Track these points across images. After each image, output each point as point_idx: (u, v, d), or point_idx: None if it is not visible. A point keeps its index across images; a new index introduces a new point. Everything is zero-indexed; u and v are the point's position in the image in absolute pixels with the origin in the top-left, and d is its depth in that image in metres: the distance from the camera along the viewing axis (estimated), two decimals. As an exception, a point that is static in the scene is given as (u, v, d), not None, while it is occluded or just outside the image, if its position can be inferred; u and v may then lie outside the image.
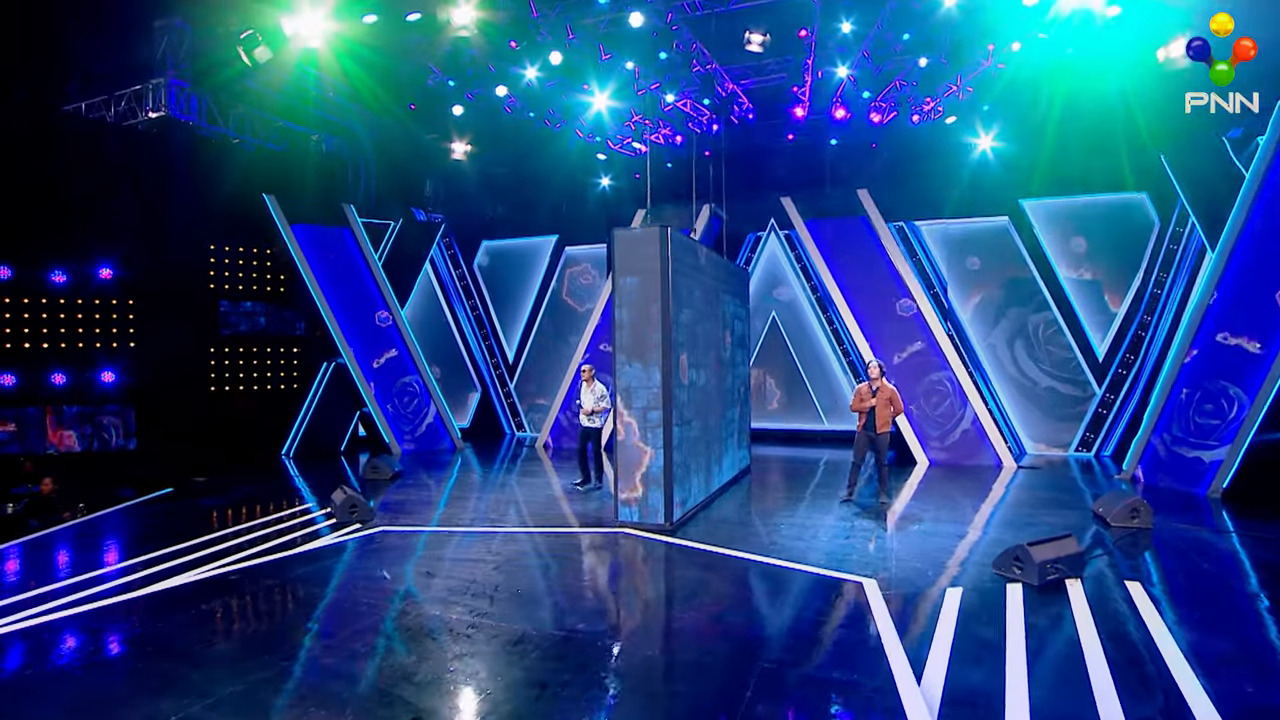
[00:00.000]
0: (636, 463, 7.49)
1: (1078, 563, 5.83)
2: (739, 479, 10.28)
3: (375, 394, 12.78)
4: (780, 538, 7.06)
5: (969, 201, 13.04)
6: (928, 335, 11.82)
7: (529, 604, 5.22)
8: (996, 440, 11.59)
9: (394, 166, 16.31)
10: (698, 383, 8.40)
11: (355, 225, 12.69)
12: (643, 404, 7.46)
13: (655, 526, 7.37)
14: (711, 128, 14.94)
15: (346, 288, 12.61)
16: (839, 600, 5.32)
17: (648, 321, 7.43)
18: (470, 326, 15.59)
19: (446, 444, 13.65)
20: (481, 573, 5.95)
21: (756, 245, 14.76)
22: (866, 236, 12.23)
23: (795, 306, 14.45)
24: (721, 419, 9.53)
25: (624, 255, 7.56)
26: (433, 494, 9.48)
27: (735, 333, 10.50)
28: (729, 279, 10.24)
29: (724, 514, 8.13)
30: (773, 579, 5.82)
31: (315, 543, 6.92)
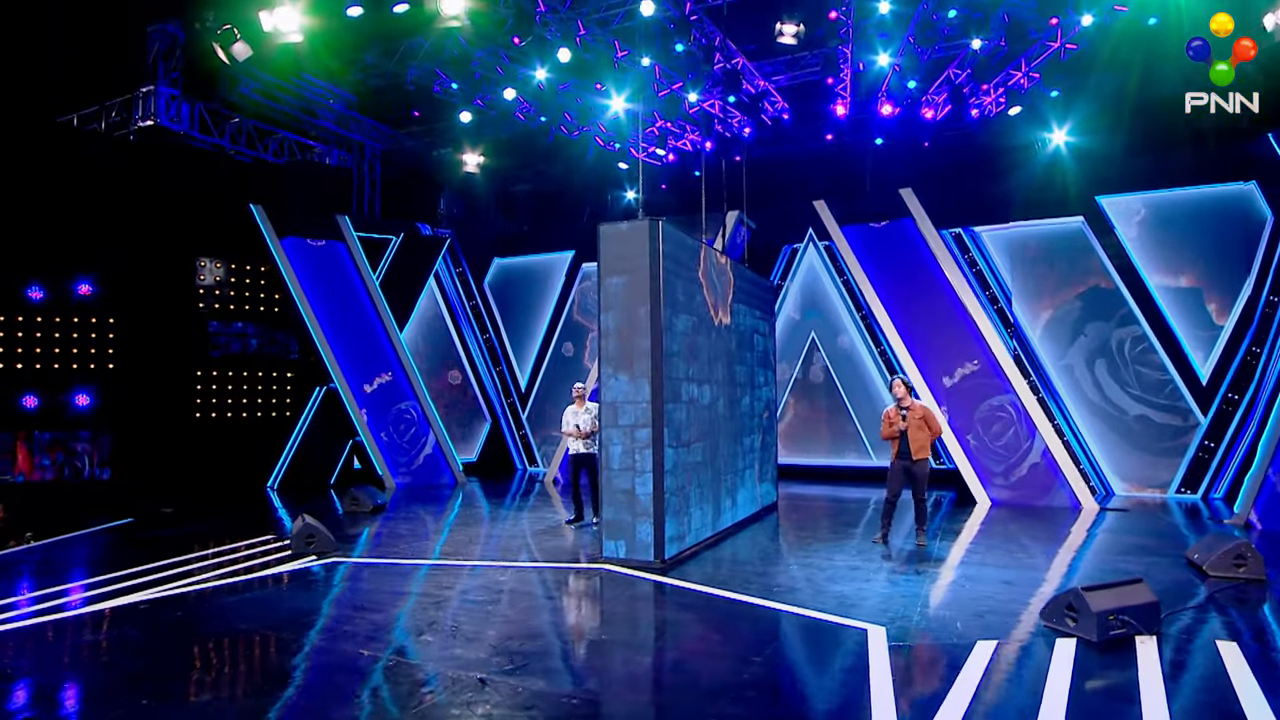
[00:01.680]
0: (622, 490, 7.06)
1: (1151, 615, 5.11)
2: (760, 516, 9.76)
3: (368, 421, 12.69)
4: (787, 580, 6.62)
5: (1036, 202, 12.34)
6: (985, 353, 11.12)
7: (459, 643, 4.94)
8: (1073, 476, 10.71)
9: (403, 181, 16.56)
10: (701, 401, 7.96)
11: (350, 239, 12.79)
12: (630, 421, 7.06)
13: (643, 564, 6.91)
14: (743, 131, 14.69)
15: (339, 305, 12.65)
16: (829, 649, 4.85)
17: (635, 327, 7.08)
18: (480, 352, 15.48)
19: (446, 478, 13.43)
20: (421, 608, 5.75)
21: (793, 259, 14.30)
22: (911, 241, 11.66)
23: (837, 326, 13.85)
24: (736, 446, 9.03)
25: (609, 253, 7.26)
26: (411, 527, 9.29)
27: (756, 349, 10.03)
28: (748, 288, 9.82)
29: (732, 553, 7.70)
30: (757, 623, 5.45)
31: (253, 574, 6.76)
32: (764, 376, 10.36)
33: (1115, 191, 11.82)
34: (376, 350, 13.00)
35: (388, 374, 13.00)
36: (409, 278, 13.88)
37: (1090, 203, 12.05)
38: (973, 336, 11.21)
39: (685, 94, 13.36)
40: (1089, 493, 10.65)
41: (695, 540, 7.72)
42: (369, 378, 12.85)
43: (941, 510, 10.37)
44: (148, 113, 10.75)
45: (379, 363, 12.98)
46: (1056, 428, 11.25)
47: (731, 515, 8.83)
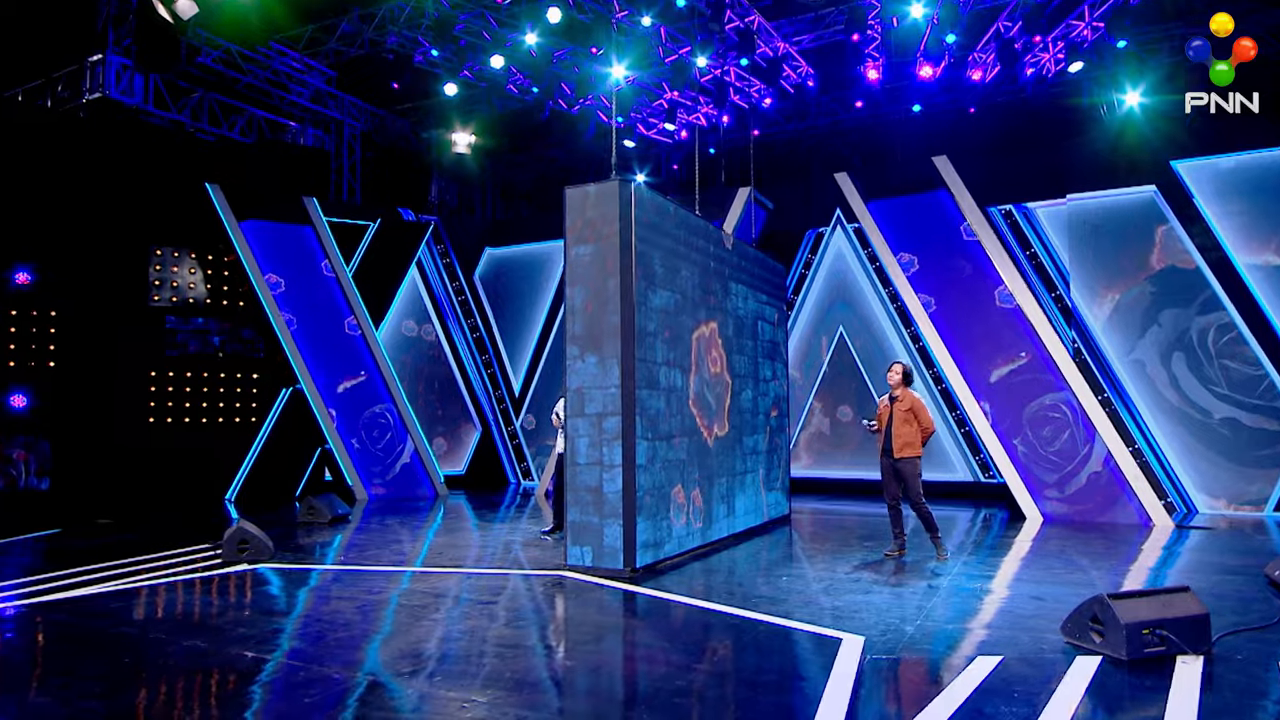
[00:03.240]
0: (589, 487, 6.89)
1: (1198, 631, 4.76)
2: (767, 530, 9.50)
3: (338, 426, 12.71)
4: (773, 591, 6.41)
5: (1098, 170, 11.93)
6: (1035, 344, 10.72)
7: (361, 647, 4.88)
8: (1141, 488, 10.23)
9: (387, 163, 16.71)
10: (687, 391, 7.75)
11: (318, 223, 12.88)
12: (597, 409, 6.89)
13: (610, 572, 6.71)
14: (762, 101, 14.53)
15: (306, 297, 12.72)
16: (788, 658, 4.73)
17: (604, 302, 6.93)
18: (469, 352, 15.46)
19: (426, 490, 13.37)
20: (338, 612, 5.74)
21: (819, 244, 14.04)
22: (947, 215, 11.34)
23: (868, 318, 13.54)
24: (735, 445, 8.78)
25: (575, 219, 7.14)
26: (369, 537, 9.25)
27: (761, 337, 9.79)
28: (750, 268, 9.61)
29: (721, 564, 7.51)
30: (718, 631, 5.39)
31: (162, 580, 6.77)
32: (771, 370, 10.11)
33: (1195, 154, 11.31)
34: (348, 348, 13.04)
35: (361, 374, 13.02)
36: (387, 268, 13.93)
37: (1164, 169, 11.56)
38: (1020, 325, 10.83)
39: (694, 59, 13.23)
40: (1163, 508, 10.15)
41: (678, 550, 7.50)
42: (340, 378, 12.88)
43: (993, 531, 10.01)
44: (96, 85, 10.97)
45: (351, 361, 13.01)
46: (1124, 432, 10.77)
47: (728, 525, 8.58)
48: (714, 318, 8.49)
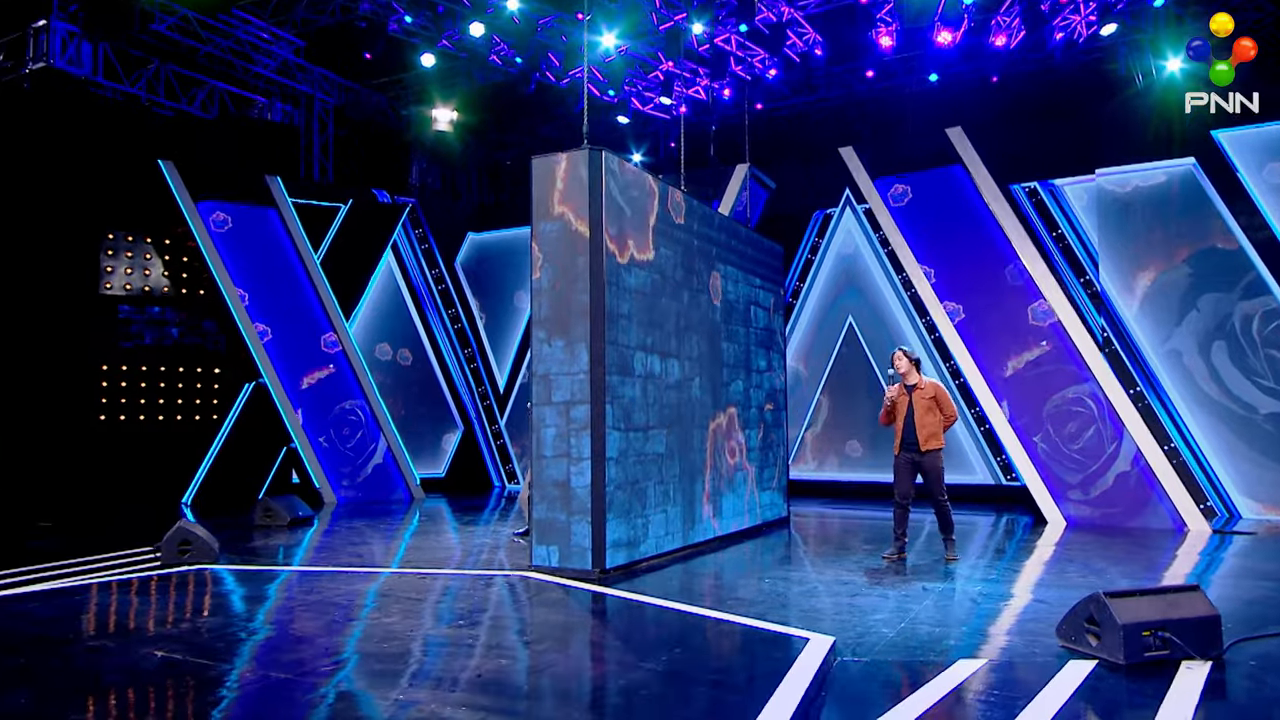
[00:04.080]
0: (555, 482, 6.90)
1: (1206, 634, 4.70)
2: (761, 532, 9.49)
3: (304, 423, 12.77)
4: (752, 593, 6.41)
5: (1130, 141, 11.84)
6: (1058, 332, 10.66)
7: (284, 646, 4.96)
8: (1175, 490, 10.16)
9: (363, 141, 16.77)
10: (666, 379, 7.76)
11: (283, 204, 12.94)
12: (565, 397, 6.91)
13: (578, 573, 6.72)
14: (767, 72, 14.52)
15: (269, 283, 12.79)
16: (747, 658, 4.84)
17: (572, 281, 6.95)
18: (449, 345, 15.51)
19: (400, 492, 13.42)
20: (259, 613, 5.90)
21: (826, 226, 14.01)
22: (961, 192, 11.30)
23: (880, 307, 13.50)
24: (722, 440, 8.76)
25: (542, 192, 7.16)
26: (328, 540, 9.31)
27: (755, 324, 9.78)
28: (741, 248, 9.60)
29: (704, 567, 7.51)
30: (680, 631, 5.44)
31: (92, 580, 6.86)
32: (766, 359, 10.10)
33: (1238, 124, 11.19)
34: (316, 339, 13.10)
35: (329, 367, 13.08)
36: (360, 254, 13.99)
37: (1204, 140, 11.45)
38: (1039, 309, 10.76)
39: (690, 25, 13.24)
40: (1199, 513, 10.06)
41: (656, 551, 7.50)
42: (306, 371, 12.94)
43: (1009, 536, 9.94)
44: (40, 54, 11.05)
45: (318, 353, 13.07)
46: (1157, 429, 10.68)
47: (715, 526, 8.57)
48: (704, 301, 8.49)
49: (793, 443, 13.93)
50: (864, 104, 14.68)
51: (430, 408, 15.26)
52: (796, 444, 13.93)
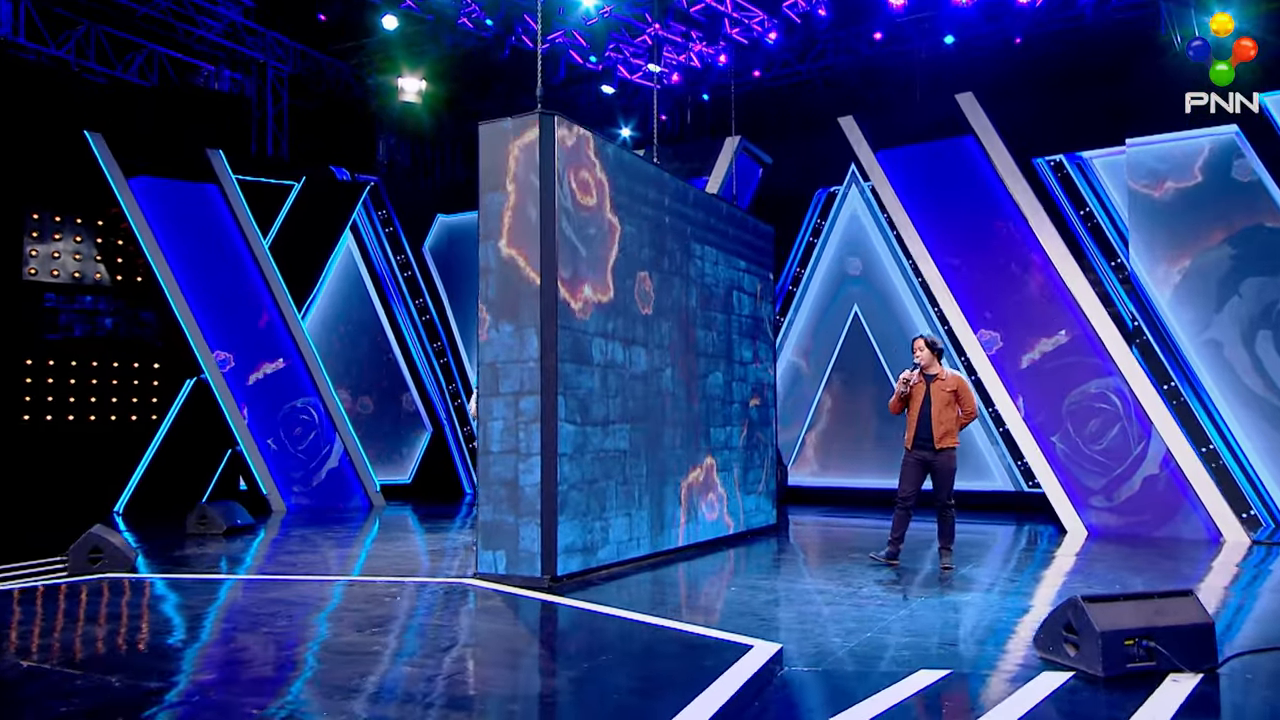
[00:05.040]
0: (503, 480, 6.95)
1: (1198, 645, 4.70)
2: (744, 539, 9.54)
3: (250, 423, 12.85)
4: (712, 601, 6.56)
5: (1166, 109, 11.80)
6: (1079, 320, 10.67)
7: (148, 659, 5.06)
8: (1209, 495, 10.12)
9: (324, 114, 16.85)
10: (631, 368, 7.81)
11: (226, 181, 13.02)
12: (514, 388, 6.97)
13: (526, 580, 6.78)
14: (766, 35, 14.55)
15: (211, 268, 12.87)
16: (676, 665, 4.89)
17: (521, 259, 6.98)
18: (416, 339, 15.59)
19: (358, 499, 13.49)
20: (157, 621, 6.07)
21: (830, 206, 14.03)
22: (972, 166, 11.31)
23: (888, 295, 13.51)
24: (698, 438, 8.81)
25: (489, 161, 7.25)
26: (265, 547, 9.40)
27: (738, 311, 9.82)
28: (722, 227, 9.65)
29: (671, 575, 7.58)
30: (613, 638, 5.61)
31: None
32: (752, 350, 10.14)
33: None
34: (265, 329, 13.17)
35: (279, 360, 13.16)
36: (315, 237, 14.07)
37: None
38: (1060, 297, 10.78)
39: (677, -18, 13.30)
40: (1237, 521, 10.03)
41: (617, 558, 7.56)
42: (254, 365, 13.02)
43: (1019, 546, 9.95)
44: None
45: (267, 345, 13.14)
46: (1193, 428, 10.66)
47: (689, 532, 8.62)
48: (677, 284, 8.52)
49: (792, 445, 13.97)
50: (872, 70, 14.67)
51: (395, 407, 15.34)
52: (797, 446, 13.95)
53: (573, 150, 7.22)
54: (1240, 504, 10.24)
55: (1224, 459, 10.63)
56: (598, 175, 7.51)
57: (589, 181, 7.40)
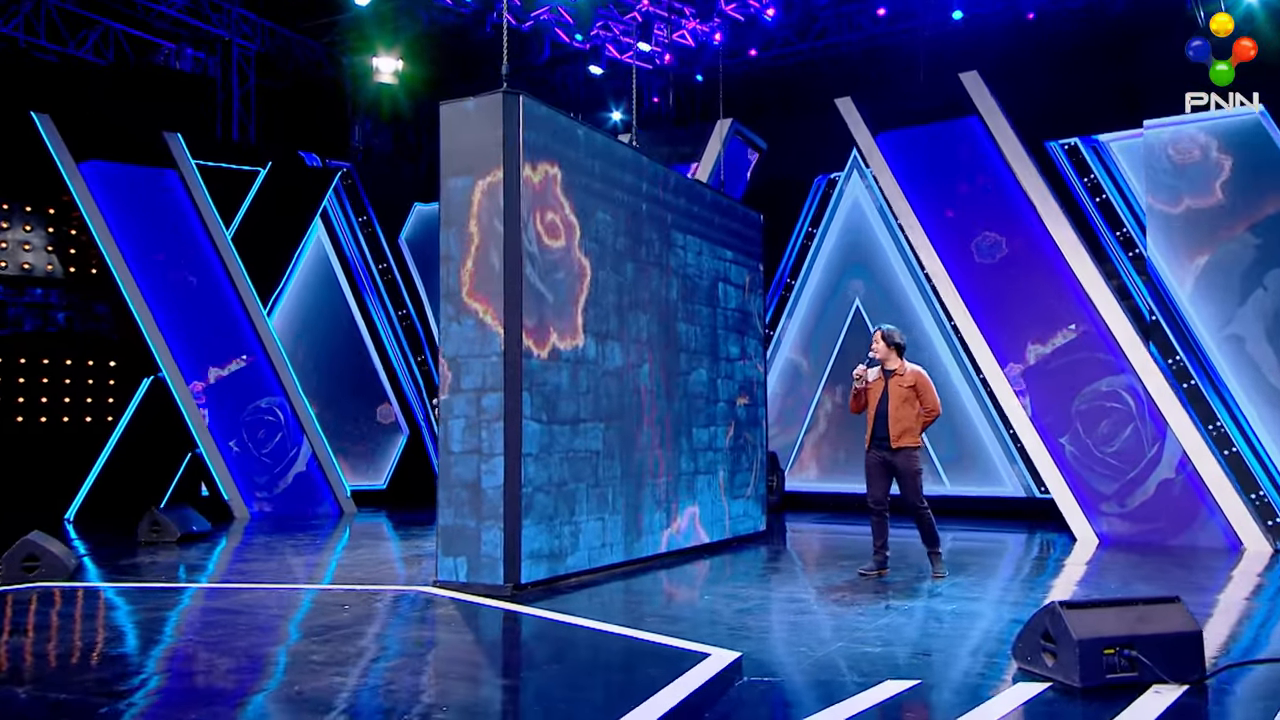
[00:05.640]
0: (464, 482, 7.04)
1: (1184, 655, 4.74)
2: (729, 546, 9.62)
3: (210, 423, 12.94)
4: (680, 610, 6.64)
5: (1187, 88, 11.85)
6: (1089, 313, 10.71)
7: (72, 672, 5.18)
8: (1229, 503, 10.16)
9: (295, 97, 16.93)
10: (605, 364, 7.88)
11: (184, 165, 13.09)
12: (476, 384, 7.05)
13: (488, 588, 6.85)
14: (764, 11, 14.62)
15: (170, 259, 12.93)
16: (622, 673, 5.11)
17: (484, 247, 7.07)
18: (391, 335, 15.66)
19: (327, 506, 13.56)
20: (84, 630, 6.19)
21: (830, 194, 14.09)
22: (976, 148, 11.35)
23: (892, 289, 13.58)
24: (678, 438, 8.90)
25: (452, 144, 7.35)
26: (219, 555, 9.52)
27: (724, 304, 9.90)
28: (706, 215, 9.73)
29: (645, 585, 7.65)
30: (565, 646, 5.72)
31: None
32: (739, 346, 10.21)
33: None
34: (227, 324, 13.25)
35: (242, 358, 13.24)
36: (282, 226, 14.13)
37: (1276, 82, 11.46)
38: (1069, 289, 10.82)
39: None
40: (1260, 529, 10.06)
41: (589, 565, 7.64)
42: (216, 363, 13.10)
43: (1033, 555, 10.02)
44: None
45: (230, 342, 13.22)
46: (1214, 429, 10.69)
47: (669, 538, 8.72)
48: (655, 275, 8.59)
49: (790, 448, 14.03)
50: (876, 49, 14.76)
51: (369, 408, 15.41)
52: (795, 449, 14.02)
53: (540, 130, 7.28)
54: (1265, 510, 10.27)
55: (1247, 462, 10.65)
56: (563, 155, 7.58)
57: (550, 174, 7.48)
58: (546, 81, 17.79)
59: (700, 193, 9.67)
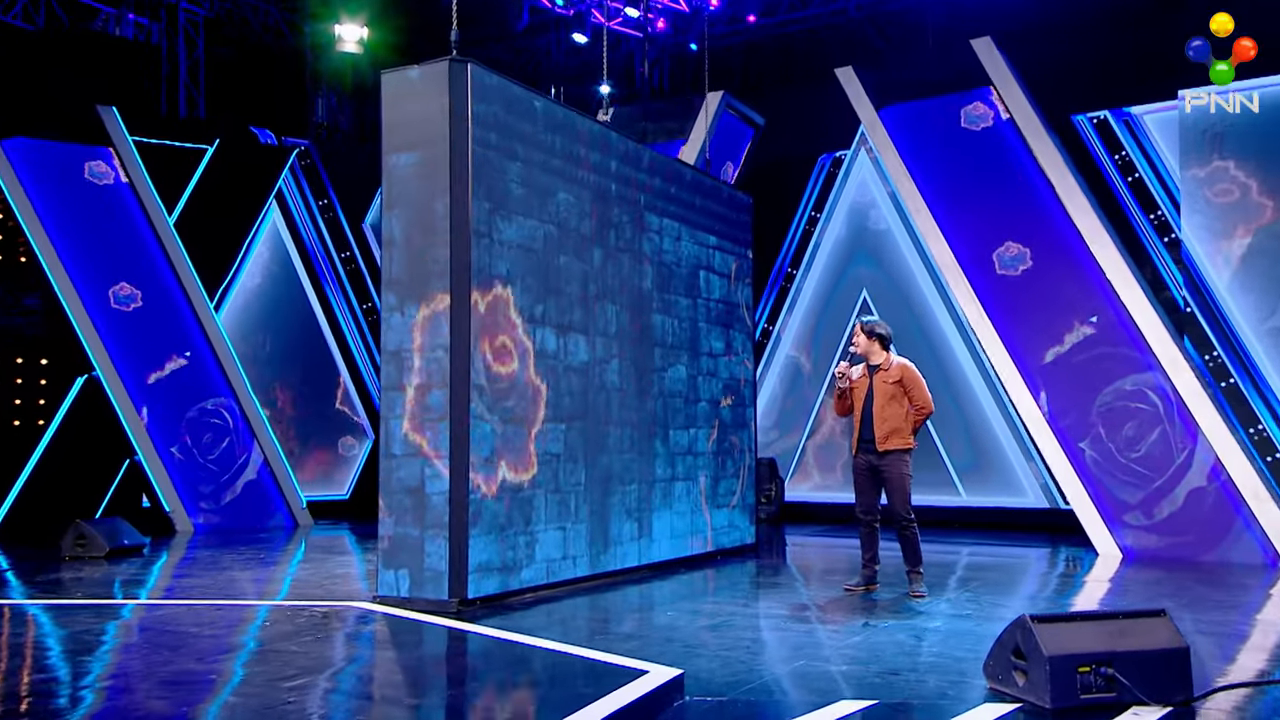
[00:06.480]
0: (407, 487, 7.14)
1: (1169, 674, 4.80)
2: (712, 560, 9.74)
3: (149, 426, 13.06)
4: (644, 628, 6.72)
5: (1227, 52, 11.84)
6: (1112, 304, 10.77)
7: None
8: (1268, 514, 10.18)
9: (251, 68, 17.06)
10: (568, 359, 7.99)
11: (120, 143, 13.21)
12: (420, 379, 7.15)
13: (433, 604, 6.95)
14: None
15: (104, 246, 13.06)
16: (548, 690, 5.26)
17: (429, 231, 7.20)
18: (355, 329, 15.78)
19: (281, 517, 13.68)
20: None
21: (835, 174, 14.18)
22: (990, 127, 11.42)
23: (902, 279, 13.66)
24: (652, 440, 9.01)
25: (394, 116, 7.43)
26: (148, 570, 9.64)
27: (706, 294, 10.01)
28: (686, 196, 9.85)
29: (612, 601, 7.76)
30: (496, 662, 5.91)
31: None
32: (724, 340, 10.32)
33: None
34: (170, 318, 13.37)
35: (186, 355, 13.36)
36: (231, 210, 14.25)
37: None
38: (1091, 277, 10.88)
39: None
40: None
41: (547, 579, 7.73)
42: (156, 360, 13.22)
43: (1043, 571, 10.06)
44: None
45: (172, 338, 13.34)
46: (1255, 433, 10.74)
47: (641, 550, 8.80)
48: (627, 263, 8.70)
49: (791, 454, 14.13)
50: (887, 15, 14.82)
51: (328, 409, 15.52)
52: (796, 456, 14.12)
53: (491, 101, 7.38)
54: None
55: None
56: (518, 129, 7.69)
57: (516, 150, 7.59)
58: (527, 50, 17.93)
59: (679, 172, 9.77)
